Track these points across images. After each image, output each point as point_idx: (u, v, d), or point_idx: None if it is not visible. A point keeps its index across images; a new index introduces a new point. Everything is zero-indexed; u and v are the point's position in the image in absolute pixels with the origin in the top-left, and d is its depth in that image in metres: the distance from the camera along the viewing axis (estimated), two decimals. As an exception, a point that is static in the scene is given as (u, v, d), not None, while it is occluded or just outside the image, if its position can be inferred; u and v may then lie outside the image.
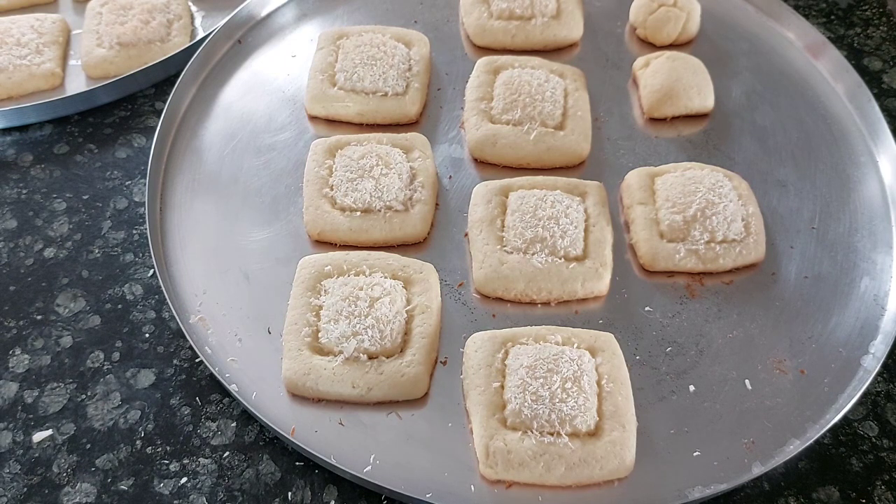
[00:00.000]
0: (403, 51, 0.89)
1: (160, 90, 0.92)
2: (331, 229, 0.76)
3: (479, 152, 0.83)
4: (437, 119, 0.88)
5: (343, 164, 0.78)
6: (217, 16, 0.99)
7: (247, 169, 0.83)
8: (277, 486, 0.64)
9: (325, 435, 0.65)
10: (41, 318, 0.73)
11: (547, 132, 0.82)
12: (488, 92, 0.86)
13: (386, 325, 0.67)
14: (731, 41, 0.97)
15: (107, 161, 0.86)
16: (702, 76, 0.89)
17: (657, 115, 0.88)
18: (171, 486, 0.63)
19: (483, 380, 0.65)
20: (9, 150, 0.87)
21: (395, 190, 0.76)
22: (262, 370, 0.68)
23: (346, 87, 0.86)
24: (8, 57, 0.90)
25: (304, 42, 0.95)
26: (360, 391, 0.65)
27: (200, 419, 0.67)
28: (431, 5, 1.00)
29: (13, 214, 0.81)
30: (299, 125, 0.87)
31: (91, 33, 0.94)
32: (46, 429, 0.66)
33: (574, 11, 0.95)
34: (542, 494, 0.62)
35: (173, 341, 0.72)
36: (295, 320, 0.68)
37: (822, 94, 0.92)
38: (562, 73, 0.88)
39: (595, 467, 0.61)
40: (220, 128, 0.87)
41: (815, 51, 0.95)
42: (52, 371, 0.70)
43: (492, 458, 0.61)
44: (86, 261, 0.78)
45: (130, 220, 0.81)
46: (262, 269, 0.75)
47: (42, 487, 0.63)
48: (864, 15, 1.04)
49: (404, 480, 0.62)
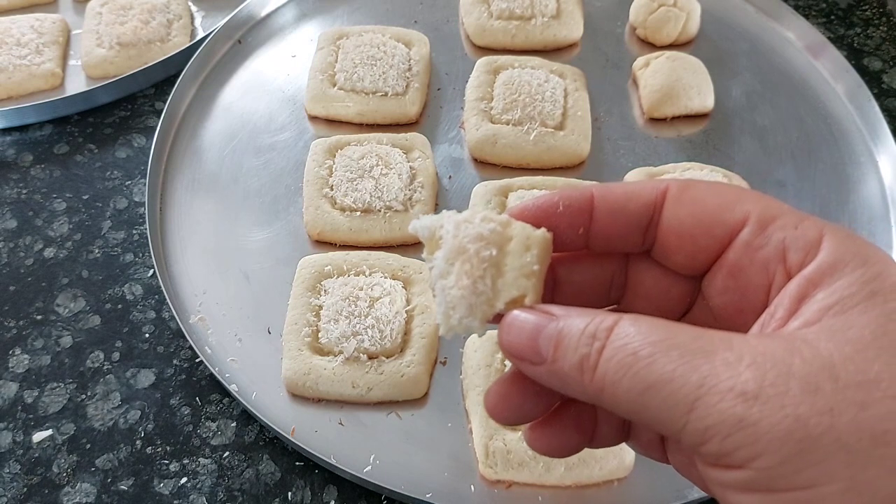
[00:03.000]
0: (403, 51, 0.89)
1: (160, 90, 0.92)
2: (331, 229, 0.76)
3: (479, 152, 0.83)
4: (437, 119, 0.88)
5: (343, 164, 0.78)
6: (217, 16, 0.99)
7: (247, 169, 0.83)
8: (277, 486, 0.64)
9: (325, 435, 0.65)
10: (41, 318, 0.73)
11: (547, 132, 0.82)
12: (488, 92, 0.86)
13: (386, 325, 0.67)
14: (731, 41, 0.97)
15: (107, 161, 0.86)
16: (702, 76, 0.89)
17: (657, 115, 0.88)
18: (171, 486, 0.63)
19: (483, 380, 0.65)
20: (9, 150, 0.87)
21: (395, 190, 0.76)
22: (262, 370, 0.68)
23: (346, 87, 0.86)
24: (8, 57, 0.90)
25: (304, 42, 0.96)
26: (360, 391, 0.65)
27: (200, 419, 0.67)
28: (431, 5, 1.00)
29: (13, 214, 0.81)
30: (299, 125, 0.87)
31: (91, 33, 0.94)
32: (46, 429, 0.67)
33: (574, 11, 0.95)
34: (541, 494, 0.62)
35: (173, 341, 0.72)
36: (295, 320, 0.68)
37: (822, 94, 0.92)
38: (562, 73, 0.88)
39: (594, 467, 0.61)
40: (220, 128, 0.87)
41: (815, 51, 0.95)
42: (52, 371, 0.70)
43: (491, 458, 0.61)
44: (86, 261, 0.78)
45: (130, 220, 0.81)
46: (262, 269, 0.75)
47: (42, 487, 0.63)
48: (864, 15, 1.04)
49: (404, 480, 0.62)
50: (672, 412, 0.28)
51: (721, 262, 0.35)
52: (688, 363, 0.27)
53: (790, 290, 0.31)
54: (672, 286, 0.38)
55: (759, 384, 0.27)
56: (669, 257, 0.36)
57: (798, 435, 0.26)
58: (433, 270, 0.35)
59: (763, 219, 0.33)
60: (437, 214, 0.36)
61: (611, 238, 0.36)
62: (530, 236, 0.34)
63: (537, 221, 0.35)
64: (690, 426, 0.27)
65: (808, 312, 0.30)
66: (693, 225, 0.34)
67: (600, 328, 0.30)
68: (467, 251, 0.34)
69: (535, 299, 0.34)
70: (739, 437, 0.26)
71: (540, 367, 0.32)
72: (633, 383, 0.28)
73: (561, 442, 0.37)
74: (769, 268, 0.32)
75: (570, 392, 0.32)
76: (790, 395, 0.26)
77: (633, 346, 0.29)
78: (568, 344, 0.30)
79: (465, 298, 0.33)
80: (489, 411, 0.36)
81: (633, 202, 0.35)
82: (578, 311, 0.31)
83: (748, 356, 0.27)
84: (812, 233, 0.31)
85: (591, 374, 0.30)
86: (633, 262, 0.38)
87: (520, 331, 0.32)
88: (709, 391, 0.27)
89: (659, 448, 0.38)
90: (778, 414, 0.26)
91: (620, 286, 0.39)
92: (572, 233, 0.36)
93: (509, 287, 0.34)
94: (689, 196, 0.35)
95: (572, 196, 0.36)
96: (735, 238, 0.34)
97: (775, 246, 0.32)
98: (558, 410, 0.37)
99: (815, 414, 0.26)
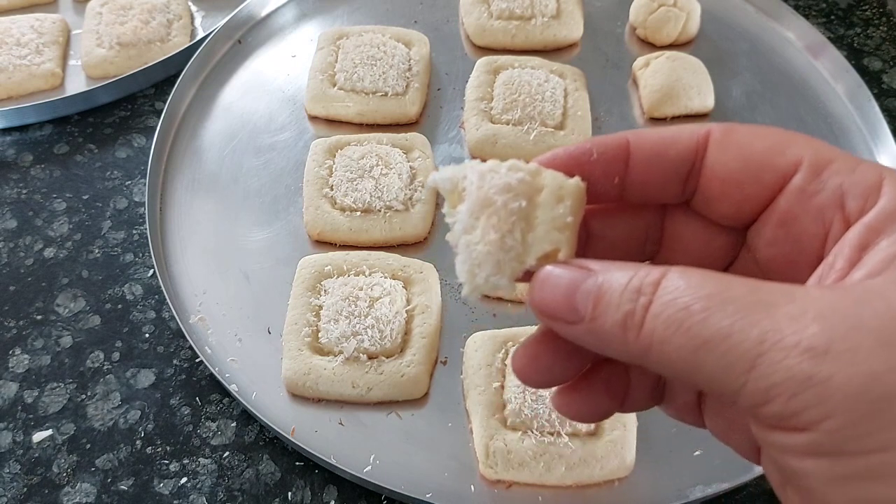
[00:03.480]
0: (403, 51, 0.89)
1: (160, 90, 0.92)
2: (331, 229, 0.76)
3: (479, 152, 0.83)
4: (437, 119, 0.88)
5: (343, 164, 0.78)
6: (217, 16, 0.99)
7: (247, 169, 0.83)
8: (277, 486, 0.64)
9: (325, 435, 0.65)
10: (41, 318, 0.73)
11: (547, 132, 0.82)
12: (488, 92, 0.86)
13: (386, 325, 0.67)
14: (731, 41, 0.97)
15: (107, 161, 0.86)
16: (702, 76, 0.89)
17: (657, 115, 0.88)
18: (171, 486, 0.63)
19: (483, 380, 0.65)
20: (9, 150, 0.87)
21: (395, 190, 0.76)
22: (262, 370, 0.68)
23: (346, 87, 0.86)
24: (8, 57, 0.90)
25: (304, 42, 0.96)
26: (360, 391, 0.65)
27: (200, 419, 0.67)
28: (431, 5, 1.00)
29: (13, 214, 0.81)
30: (299, 125, 0.87)
31: (91, 33, 0.94)
32: (46, 429, 0.66)
33: (574, 11, 0.95)
34: (542, 494, 0.62)
35: (173, 341, 0.72)
36: (295, 320, 0.68)
37: (822, 94, 0.92)
38: (562, 73, 0.88)
39: (595, 467, 0.61)
40: (220, 128, 0.87)
41: (815, 51, 0.95)
42: (52, 371, 0.70)
43: (492, 458, 0.61)
44: (86, 261, 0.78)
45: (130, 220, 0.81)
46: (262, 269, 0.75)
47: (42, 487, 0.63)
48: (864, 15, 1.04)
49: (404, 480, 0.62)
50: (730, 371, 0.25)
51: (770, 210, 0.32)
52: (747, 318, 0.25)
53: (850, 239, 0.29)
54: (713, 239, 0.35)
55: (828, 338, 0.25)
56: (713, 207, 0.34)
57: (873, 393, 0.24)
58: (456, 226, 0.32)
59: (817, 163, 0.31)
60: (458, 165, 0.33)
61: (648, 188, 0.34)
62: (563, 186, 0.32)
63: (569, 170, 0.33)
64: (751, 385, 0.25)
65: (872, 262, 0.27)
66: (739, 171, 0.32)
67: (646, 282, 0.28)
68: (494, 203, 0.31)
69: (569, 253, 0.31)
70: (808, 395, 0.24)
71: (577, 325, 0.29)
72: (685, 340, 0.26)
73: (591, 407, 0.35)
74: (825, 215, 0.30)
75: (610, 352, 0.29)
76: (863, 350, 0.24)
77: (684, 301, 0.26)
78: (609, 300, 0.28)
79: (493, 255, 0.31)
80: (517, 373, 0.33)
81: (673, 148, 0.33)
82: (619, 265, 0.29)
83: (813, 309, 0.25)
84: (871, 177, 0.29)
85: (636, 332, 0.27)
86: (671, 214, 0.36)
87: (554, 287, 0.30)
88: (772, 347, 0.25)
89: (694, 411, 0.36)
90: (850, 370, 0.24)
91: (656, 241, 0.37)
92: (607, 182, 0.34)
93: (541, 241, 0.31)
94: (735, 140, 0.32)
95: (606, 143, 0.33)
96: (787, 184, 0.31)
97: (832, 192, 0.30)
98: (588, 373, 0.35)
99: (892, 370, 0.24)
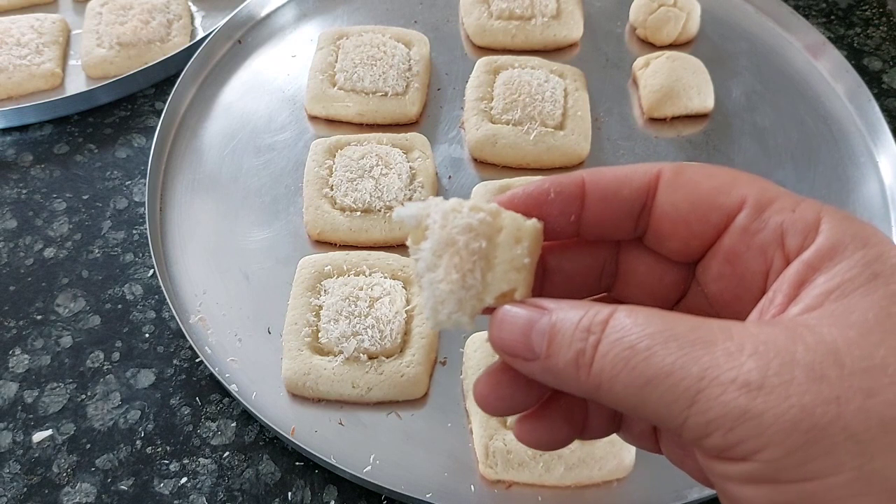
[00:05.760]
0: (403, 51, 0.89)
1: (160, 90, 0.92)
2: (331, 229, 0.76)
3: (479, 152, 0.83)
4: (437, 119, 0.88)
5: (343, 164, 0.78)
6: (217, 16, 0.99)
7: (247, 169, 0.83)
8: (277, 486, 0.64)
9: (325, 435, 0.65)
10: (41, 318, 0.73)
11: (547, 132, 0.82)
12: (488, 92, 0.86)
13: (386, 325, 0.67)
14: (731, 41, 0.97)
15: (107, 161, 0.86)
16: (702, 76, 0.89)
17: (657, 115, 0.88)
18: (171, 486, 0.63)
19: (483, 380, 0.65)
20: (9, 150, 0.87)
21: (395, 190, 0.77)
22: (262, 370, 0.68)
23: (346, 87, 0.86)
24: (8, 57, 0.90)
25: (304, 42, 0.96)
26: (360, 391, 0.65)
27: (200, 419, 0.67)
28: (431, 5, 1.00)
29: (13, 214, 0.81)
30: (299, 125, 0.87)
31: (91, 33, 0.94)
32: (46, 429, 0.67)
33: (574, 11, 0.95)
34: (541, 494, 0.62)
35: (173, 341, 0.72)
36: (295, 320, 0.68)
37: (822, 94, 0.92)
38: (562, 73, 0.88)
39: (594, 468, 0.61)
40: (220, 128, 0.87)
41: (815, 51, 0.95)
42: (52, 371, 0.70)
43: (492, 458, 0.61)
44: (86, 261, 0.78)
45: (130, 220, 0.81)
46: (262, 269, 0.75)
47: (42, 487, 0.63)
48: (864, 15, 1.04)
49: (404, 480, 0.62)
50: (672, 406, 0.27)
51: (717, 247, 0.34)
52: (687, 355, 0.27)
53: (789, 275, 0.30)
54: (665, 273, 0.37)
55: (762, 374, 0.26)
56: (663, 244, 0.35)
57: (804, 425, 0.25)
58: (419, 263, 0.33)
59: (760, 202, 0.32)
60: (422, 202, 0.34)
61: (603, 225, 0.35)
62: (521, 227, 0.33)
63: (528, 210, 0.34)
64: (692, 420, 0.26)
65: (808, 297, 0.29)
66: (688, 210, 0.33)
67: (595, 321, 0.29)
68: (456, 243, 0.32)
69: (525, 293, 0.33)
70: (743, 429, 0.26)
71: (533, 363, 0.30)
72: (631, 378, 0.27)
73: (551, 435, 0.36)
74: (767, 252, 0.32)
75: (565, 388, 0.31)
76: (795, 385, 0.25)
77: (629, 339, 0.28)
78: (562, 339, 0.29)
79: (454, 293, 0.32)
80: (478, 401, 0.35)
81: (626, 187, 0.34)
82: (571, 304, 0.30)
83: (750, 345, 0.27)
84: (810, 215, 0.30)
85: (587, 370, 0.28)
86: (625, 249, 0.37)
87: (511, 326, 0.31)
88: (710, 383, 0.26)
89: (650, 438, 0.38)
90: (783, 404, 0.25)
91: (612, 274, 0.38)
92: (563, 220, 0.35)
93: (499, 281, 0.32)
94: (684, 180, 0.34)
95: (563, 182, 0.35)
96: (731, 223, 0.33)
97: (773, 230, 0.31)
98: (548, 402, 0.36)
99: (822, 403, 0.25)
